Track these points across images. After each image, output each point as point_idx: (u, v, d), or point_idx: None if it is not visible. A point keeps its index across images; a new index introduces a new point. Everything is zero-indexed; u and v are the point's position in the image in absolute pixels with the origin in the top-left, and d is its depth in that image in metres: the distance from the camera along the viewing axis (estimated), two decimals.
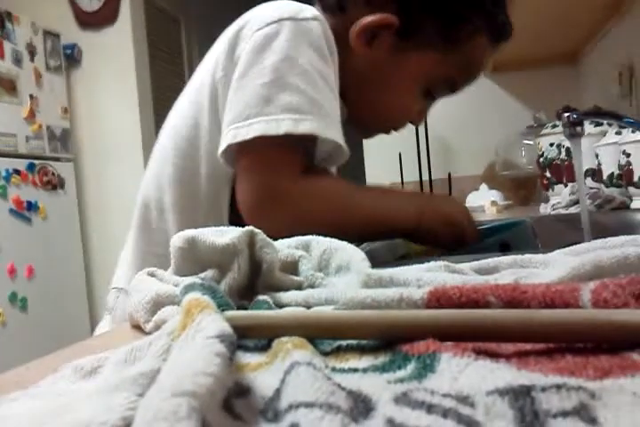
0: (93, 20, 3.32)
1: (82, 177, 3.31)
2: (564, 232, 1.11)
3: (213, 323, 0.23)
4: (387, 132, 0.89)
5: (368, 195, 0.75)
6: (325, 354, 0.29)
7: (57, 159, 3.07)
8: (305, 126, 0.65)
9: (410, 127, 0.91)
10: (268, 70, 0.68)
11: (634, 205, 1.41)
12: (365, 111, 0.83)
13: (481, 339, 0.27)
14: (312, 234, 0.50)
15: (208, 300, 0.26)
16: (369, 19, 0.76)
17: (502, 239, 0.76)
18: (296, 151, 0.70)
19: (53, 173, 3.01)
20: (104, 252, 3.28)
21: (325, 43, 0.72)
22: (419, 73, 0.80)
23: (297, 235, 0.50)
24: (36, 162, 2.91)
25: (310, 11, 0.73)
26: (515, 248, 0.74)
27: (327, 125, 0.67)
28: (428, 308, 0.30)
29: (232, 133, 0.66)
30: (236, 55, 0.72)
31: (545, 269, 0.40)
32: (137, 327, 0.39)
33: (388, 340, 0.28)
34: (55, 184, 3.01)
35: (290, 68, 0.68)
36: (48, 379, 0.28)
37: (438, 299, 0.29)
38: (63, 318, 2.96)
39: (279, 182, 0.68)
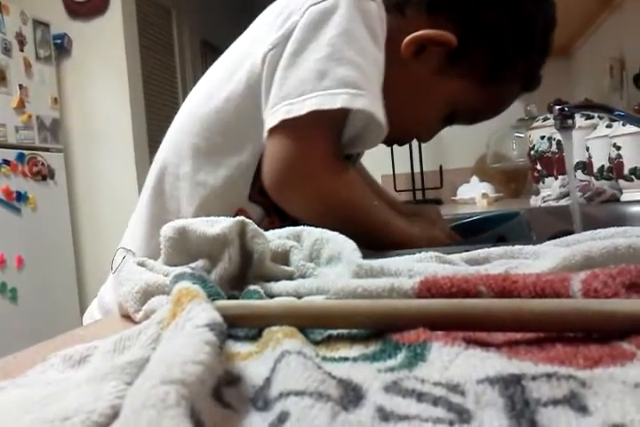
0: (83, 10, 3.29)
1: (72, 167, 3.29)
2: (555, 224, 1.11)
3: (203, 312, 0.23)
4: (392, 143, 0.89)
5: (374, 206, 0.72)
6: (316, 343, 0.29)
7: (47, 149, 3.04)
8: (360, 102, 0.64)
9: None
10: (324, 45, 0.66)
11: (624, 197, 1.41)
12: (387, 118, 0.81)
13: (471, 328, 0.27)
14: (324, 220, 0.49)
15: (198, 289, 0.26)
16: (429, 32, 0.74)
17: (498, 233, 0.76)
18: (337, 131, 0.69)
19: (43, 164, 2.99)
20: (94, 242, 3.27)
21: (380, 26, 0.71)
22: (452, 98, 0.80)
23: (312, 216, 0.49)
24: (26, 152, 2.89)
25: None
26: (511, 241, 0.74)
27: (379, 106, 0.66)
28: (419, 297, 0.30)
29: (285, 109, 0.64)
30: (286, 28, 0.69)
31: (535, 259, 0.40)
32: (126, 317, 0.39)
33: (379, 329, 0.28)
34: (45, 174, 2.99)
35: (347, 43, 0.66)
36: (37, 368, 0.27)
37: (429, 289, 0.29)
38: (53, 308, 2.95)
39: (312, 160, 0.67)
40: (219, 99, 0.75)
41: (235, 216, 0.44)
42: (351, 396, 0.20)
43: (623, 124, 1.41)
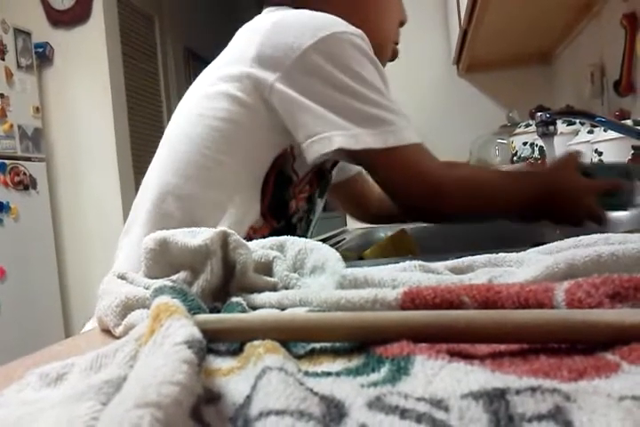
0: (65, 19, 3.27)
1: (54, 177, 3.26)
2: (538, 230, 1.11)
3: (182, 328, 0.22)
4: (386, 59, 0.94)
5: (504, 180, 0.80)
6: (299, 357, 0.29)
7: (29, 159, 3.01)
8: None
9: None
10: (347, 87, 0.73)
11: None
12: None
13: (455, 340, 0.26)
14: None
15: (178, 304, 0.26)
16: None
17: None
18: None
19: (25, 173, 2.96)
20: (77, 252, 3.24)
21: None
22: None
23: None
24: (8, 162, 2.85)
25: (352, 27, 0.76)
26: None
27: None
28: (403, 309, 0.29)
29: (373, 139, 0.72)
30: (284, 64, 0.73)
31: (519, 267, 0.40)
32: (106, 331, 0.38)
33: (363, 342, 0.28)
34: (27, 184, 2.96)
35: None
36: (12, 387, 0.27)
37: (413, 300, 0.29)
38: (36, 319, 2.91)
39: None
40: (218, 120, 0.76)
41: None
42: (333, 414, 0.20)
43: (605, 130, 1.42)
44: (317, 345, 0.29)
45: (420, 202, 0.74)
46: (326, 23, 0.75)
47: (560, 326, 0.24)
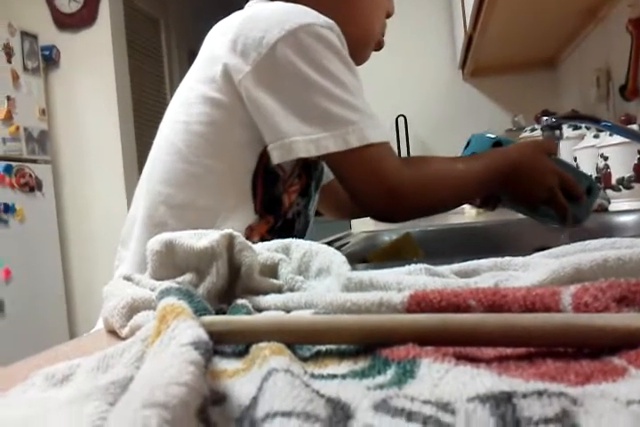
0: (72, 22, 3.29)
1: (60, 179, 3.27)
2: (544, 234, 1.11)
3: (188, 329, 0.22)
4: (370, 49, 0.93)
5: (464, 166, 0.81)
6: (304, 360, 0.29)
7: (34, 161, 3.02)
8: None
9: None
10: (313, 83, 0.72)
11: (612, 207, 1.42)
12: (350, 28, 0.83)
13: (461, 343, 0.26)
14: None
15: (184, 305, 0.26)
16: None
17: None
18: None
19: (31, 175, 2.97)
20: (82, 254, 3.24)
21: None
22: None
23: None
24: (14, 164, 2.86)
25: (322, 18, 0.75)
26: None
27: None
28: (409, 312, 0.29)
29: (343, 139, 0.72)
30: (254, 59, 0.73)
31: (525, 271, 0.40)
32: (112, 333, 0.38)
33: (368, 344, 0.28)
34: (33, 186, 2.97)
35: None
36: (18, 387, 0.27)
37: (419, 303, 0.29)
38: (41, 320, 2.92)
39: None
40: (200, 124, 0.76)
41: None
42: (340, 415, 0.20)
43: (610, 135, 1.42)
44: (323, 348, 0.29)
45: (378, 204, 0.75)
46: (295, 15, 0.74)
47: (567, 330, 0.24)
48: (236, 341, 0.29)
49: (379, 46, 0.94)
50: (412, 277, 0.37)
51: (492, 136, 0.89)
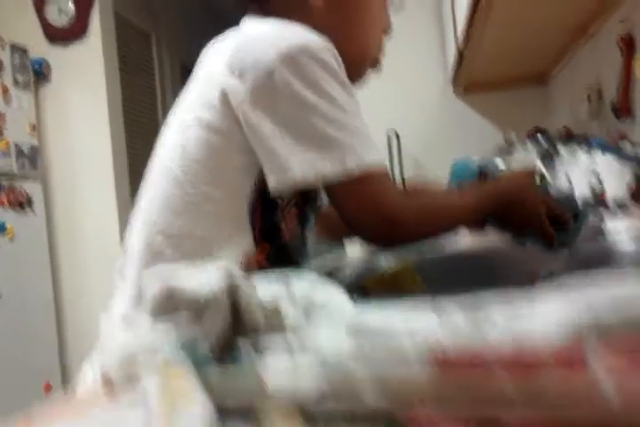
0: (62, 35, 3.27)
1: (51, 196, 3.22)
2: (535, 260, 1.11)
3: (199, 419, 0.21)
4: (367, 68, 0.94)
5: (459, 198, 0.84)
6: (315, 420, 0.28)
7: (25, 177, 2.99)
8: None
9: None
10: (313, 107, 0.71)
11: (607, 225, 1.42)
12: (347, 46, 0.83)
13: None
14: None
15: (191, 381, 0.25)
16: None
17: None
18: None
19: (21, 192, 2.93)
20: (73, 272, 3.20)
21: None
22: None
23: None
24: (3, 180, 2.83)
25: (318, 38, 0.75)
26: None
27: None
28: (429, 373, 0.28)
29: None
30: (252, 81, 0.72)
31: (532, 308, 0.39)
32: (109, 385, 0.37)
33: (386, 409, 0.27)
34: (23, 203, 2.94)
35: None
36: None
37: (440, 365, 0.28)
38: (30, 342, 2.86)
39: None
40: (197, 148, 0.76)
41: None
42: None
43: (603, 153, 1.42)
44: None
45: (375, 232, 0.75)
46: (291, 36, 0.74)
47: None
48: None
49: (376, 64, 0.94)
50: (423, 325, 0.36)
51: (476, 163, 0.92)
